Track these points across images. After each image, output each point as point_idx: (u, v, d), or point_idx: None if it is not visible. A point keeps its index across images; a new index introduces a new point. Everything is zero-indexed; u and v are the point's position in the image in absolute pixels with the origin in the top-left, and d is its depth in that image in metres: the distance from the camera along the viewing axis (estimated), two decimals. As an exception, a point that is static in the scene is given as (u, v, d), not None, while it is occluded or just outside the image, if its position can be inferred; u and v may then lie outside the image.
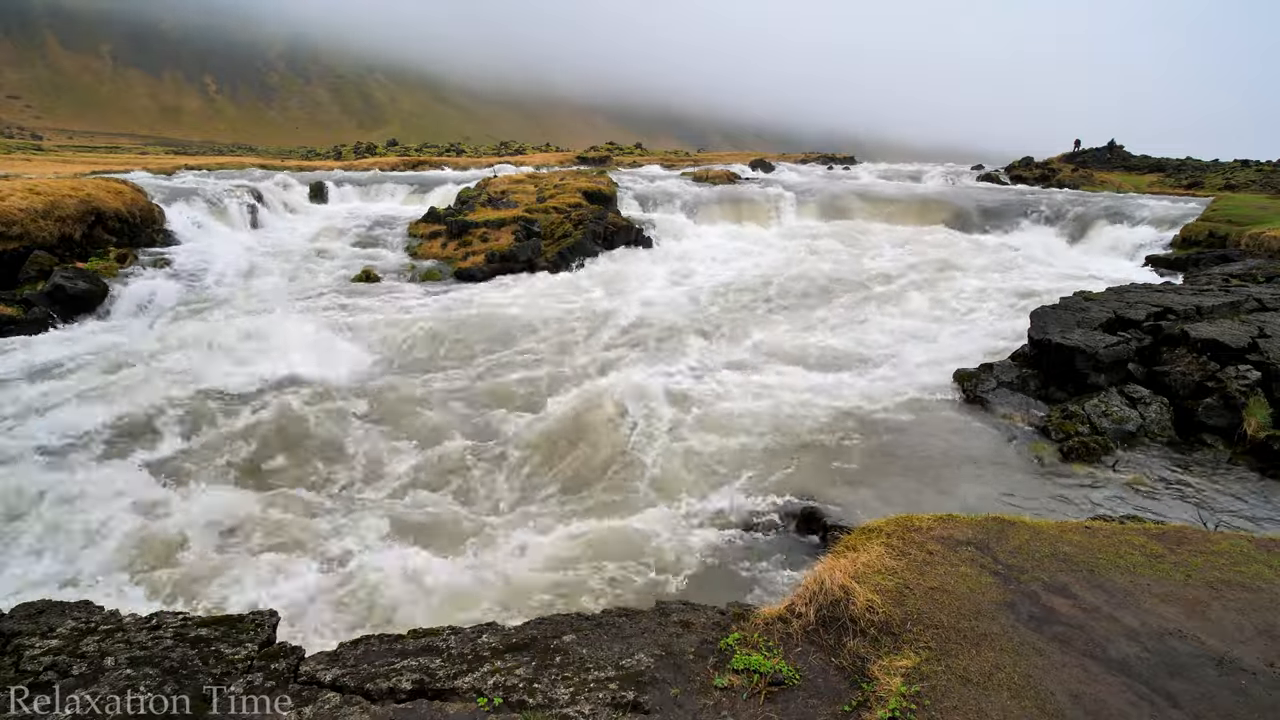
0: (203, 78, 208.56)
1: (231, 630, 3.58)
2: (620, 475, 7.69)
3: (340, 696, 3.12)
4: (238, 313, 13.50)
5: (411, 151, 64.71)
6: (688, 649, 3.46)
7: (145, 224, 18.45)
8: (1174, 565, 4.08)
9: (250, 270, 17.15)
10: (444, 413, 9.30)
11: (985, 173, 41.28)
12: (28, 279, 14.01)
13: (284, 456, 8.08)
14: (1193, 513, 6.42)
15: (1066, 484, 7.03)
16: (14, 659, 3.31)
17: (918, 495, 6.80)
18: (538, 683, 3.20)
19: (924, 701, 3.02)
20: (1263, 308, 9.99)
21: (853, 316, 14.02)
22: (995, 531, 4.40)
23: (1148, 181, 35.01)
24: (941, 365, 10.41)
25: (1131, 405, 8.28)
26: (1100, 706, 3.03)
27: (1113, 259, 20.25)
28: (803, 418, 8.73)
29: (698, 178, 32.52)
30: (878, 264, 18.86)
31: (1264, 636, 3.48)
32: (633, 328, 13.01)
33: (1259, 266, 15.21)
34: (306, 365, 10.46)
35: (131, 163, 37.06)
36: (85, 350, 11.27)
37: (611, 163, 47.03)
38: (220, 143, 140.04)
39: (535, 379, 10.47)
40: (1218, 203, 23.64)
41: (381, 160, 45.28)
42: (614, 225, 21.90)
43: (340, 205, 27.02)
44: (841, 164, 52.74)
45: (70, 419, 8.55)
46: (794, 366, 10.88)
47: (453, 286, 16.69)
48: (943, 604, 3.64)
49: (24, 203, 15.07)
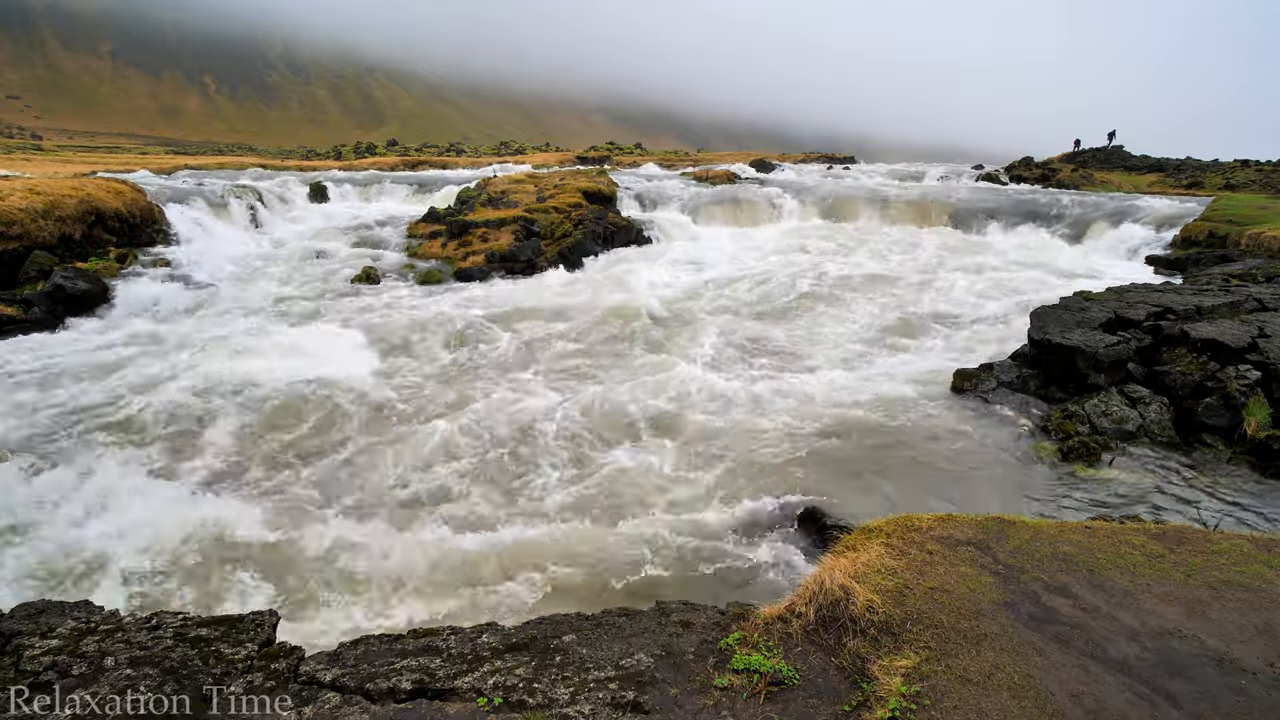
0: (203, 78, 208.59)
1: (231, 630, 3.58)
2: (621, 474, 7.68)
3: (340, 696, 3.12)
4: (237, 313, 13.51)
5: (411, 151, 64.74)
6: (688, 649, 3.46)
7: (145, 224, 18.45)
8: (1174, 565, 4.08)
9: (250, 270, 17.16)
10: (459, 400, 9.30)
11: (985, 173, 41.29)
12: (28, 279, 14.00)
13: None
14: (1193, 513, 6.42)
15: (1066, 484, 7.03)
16: (14, 659, 3.31)
17: (918, 495, 6.80)
18: (538, 683, 3.20)
19: (924, 701, 3.02)
20: (1263, 308, 9.99)
21: (853, 316, 14.02)
22: (995, 531, 4.40)
23: (1148, 181, 35.04)
24: (943, 365, 10.41)
25: (1131, 405, 8.28)
26: (1100, 706, 3.03)
27: (1112, 259, 20.24)
28: (802, 417, 8.73)
29: (698, 178, 32.53)
30: (877, 264, 18.86)
31: (1264, 636, 3.48)
32: (632, 327, 13.01)
33: (1259, 266, 15.20)
34: (317, 365, 10.45)
35: (131, 163, 37.06)
36: (86, 350, 11.27)
37: (611, 163, 47.05)
38: (220, 143, 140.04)
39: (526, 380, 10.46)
40: (1218, 203, 23.64)
41: (381, 160, 45.32)
42: (614, 225, 21.89)
43: (340, 205, 27.04)
44: (842, 164, 52.73)
45: (70, 420, 8.55)
46: (794, 366, 10.89)
47: (453, 286, 16.70)
48: (943, 604, 3.64)
49: (24, 203, 15.06)
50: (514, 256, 18.50)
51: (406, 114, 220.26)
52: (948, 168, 45.63)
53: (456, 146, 78.52)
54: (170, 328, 12.61)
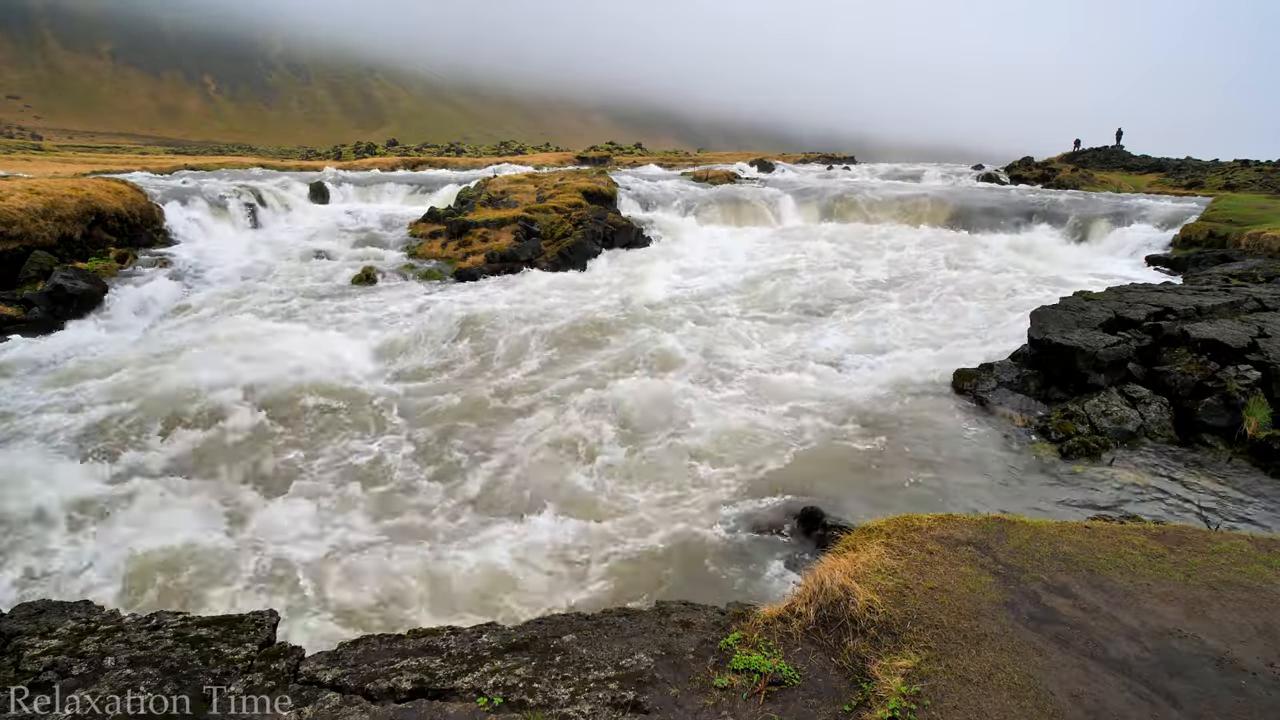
0: (203, 78, 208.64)
1: (231, 630, 3.58)
2: (621, 473, 7.68)
3: (340, 696, 3.12)
4: (238, 313, 13.50)
5: (411, 151, 64.78)
6: (688, 649, 3.46)
7: (145, 224, 18.45)
8: (1174, 565, 4.08)
9: (250, 270, 17.14)
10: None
11: (985, 173, 41.30)
12: (28, 279, 14.01)
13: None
14: (1193, 513, 6.42)
15: (1066, 484, 7.03)
16: (14, 659, 3.31)
17: (918, 495, 6.80)
18: (538, 683, 3.20)
19: (924, 701, 3.02)
20: (1263, 307, 9.99)
21: (853, 317, 14.02)
22: (995, 531, 4.40)
23: (1148, 181, 35.04)
24: (942, 365, 10.41)
25: (1131, 405, 8.28)
26: (1100, 706, 3.03)
27: (1113, 259, 20.23)
28: (803, 417, 8.74)
29: (698, 178, 32.54)
30: (877, 264, 18.84)
31: (1264, 636, 3.48)
32: (633, 326, 13.01)
33: (1259, 266, 15.20)
34: (318, 365, 10.44)
35: (131, 163, 37.06)
36: (86, 349, 11.27)
37: (611, 163, 47.06)
38: (220, 143, 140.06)
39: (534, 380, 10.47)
40: (1218, 203, 23.64)
41: (381, 160, 45.32)
42: (614, 225, 21.89)
43: (340, 205, 27.02)
44: (841, 164, 52.74)
45: (69, 419, 8.56)
46: (794, 365, 10.89)
47: (453, 286, 16.70)
48: (943, 604, 3.64)
49: (24, 203, 15.07)
50: (514, 256, 18.50)
51: (406, 114, 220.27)
52: (947, 168, 45.65)
53: (456, 146, 78.57)
54: (170, 328, 12.61)
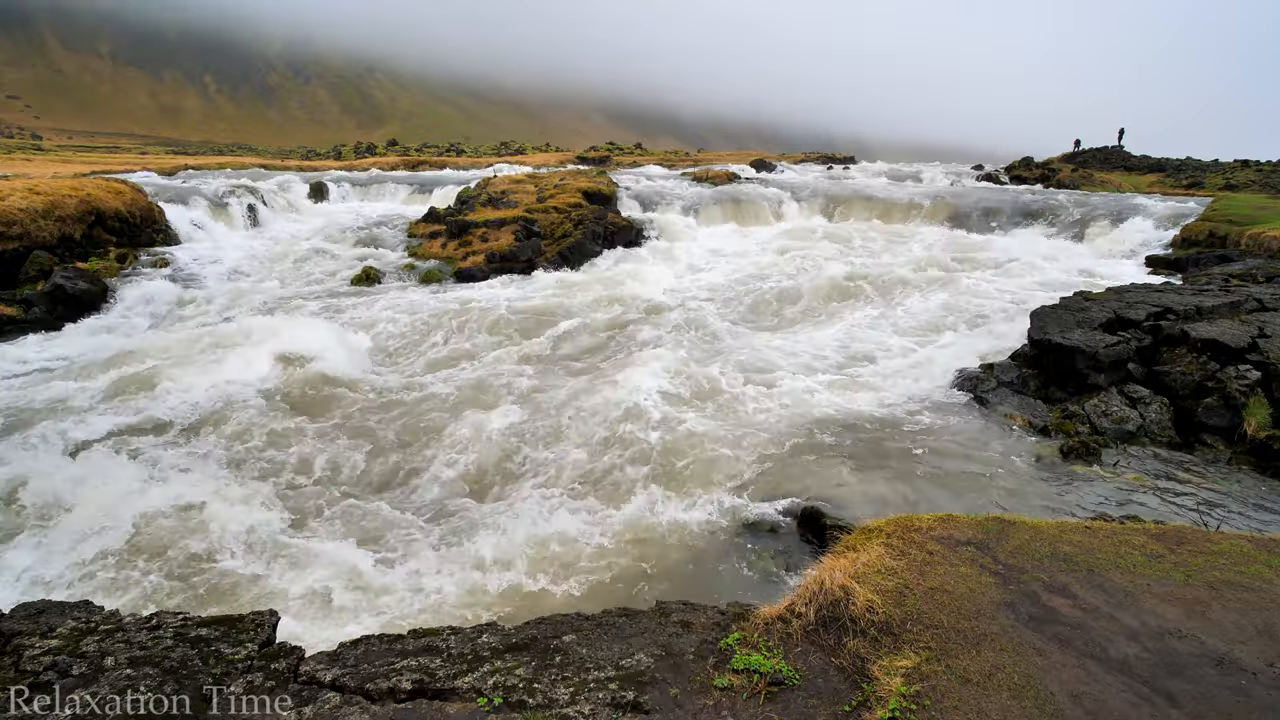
0: (203, 78, 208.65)
1: (231, 630, 3.58)
2: (620, 473, 7.68)
3: (340, 696, 3.12)
4: (238, 312, 13.50)
5: (411, 151, 64.75)
6: (688, 649, 3.46)
7: (145, 224, 18.45)
8: (1174, 565, 4.08)
9: (250, 270, 17.15)
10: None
11: (985, 173, 41.29)
12: (28, 279, 14.01)
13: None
14: (1193, 513, 6.42)
15: (1066, 484, 7.03)
16: (14, 659, 3.31)
17: (918, 495, 6.80)
18: (538, 683, 3.20)
19: (924, 701, 3.02)
20: (1263, 308, 9.99)
21: (853, 317, 14.02)
22: (995, 531, 4.40)
23: (1148, 181, 35.02)
24: (941, 366, 10.41)
25: (1131, 405, 8.28)
26: (1100, 706, 3.03)
27: (1112, 259, 20.22)
28: (803, 417, 8.73)
29: (698, 178, 32.52)
30: (878, 264, 18.84)
31: (1264, 636, 3.48)
32: (633, 327, 13.01)
33: (1259, 266, 15.20)
34: (318, 365, 10.45)
35: (131, 163, 37.07)
36: (86, 349, 11.27)
37: (611, 163, 47.06)
38: (220, 143, 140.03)
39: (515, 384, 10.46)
40: (1218, 203, 23.63)
41: (381, 160, 45.33)
42: (614, 225, 21.89)
43: (340, 205, 27.05)
44: (842, 164, 52.74)
45: (68, 420, 8.56)
46: (794, 366, 10.88)
47: (453, 286, 16.69)
48: (943, 604, 3.64)
49: (24, 203, 15.07)
50: (514, 256, 18.50)
51: (406, 114, 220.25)
52: (948, 167, 45.66)
53: (456, 146, 78.50)
54: (170, 327, 12.61)
